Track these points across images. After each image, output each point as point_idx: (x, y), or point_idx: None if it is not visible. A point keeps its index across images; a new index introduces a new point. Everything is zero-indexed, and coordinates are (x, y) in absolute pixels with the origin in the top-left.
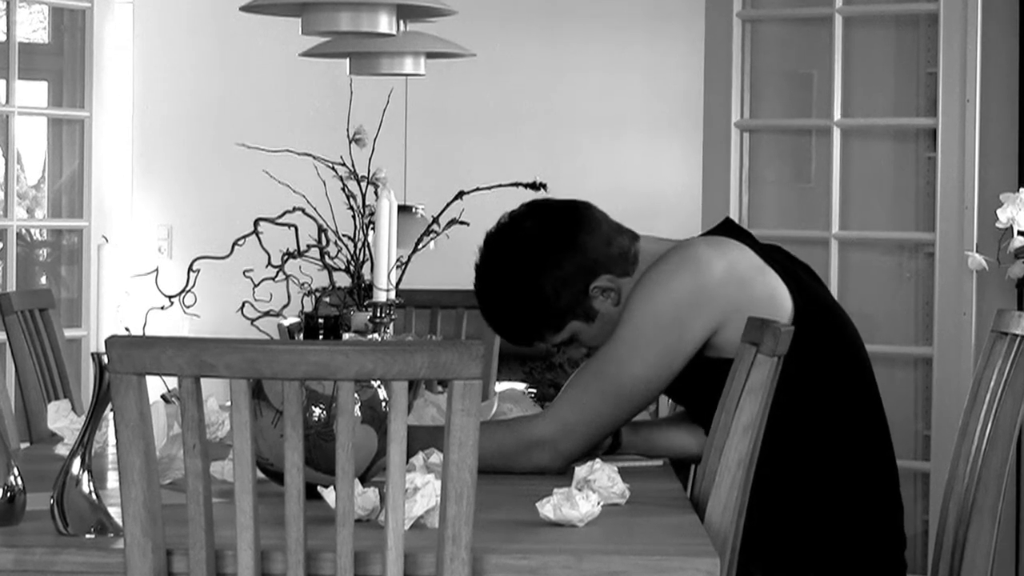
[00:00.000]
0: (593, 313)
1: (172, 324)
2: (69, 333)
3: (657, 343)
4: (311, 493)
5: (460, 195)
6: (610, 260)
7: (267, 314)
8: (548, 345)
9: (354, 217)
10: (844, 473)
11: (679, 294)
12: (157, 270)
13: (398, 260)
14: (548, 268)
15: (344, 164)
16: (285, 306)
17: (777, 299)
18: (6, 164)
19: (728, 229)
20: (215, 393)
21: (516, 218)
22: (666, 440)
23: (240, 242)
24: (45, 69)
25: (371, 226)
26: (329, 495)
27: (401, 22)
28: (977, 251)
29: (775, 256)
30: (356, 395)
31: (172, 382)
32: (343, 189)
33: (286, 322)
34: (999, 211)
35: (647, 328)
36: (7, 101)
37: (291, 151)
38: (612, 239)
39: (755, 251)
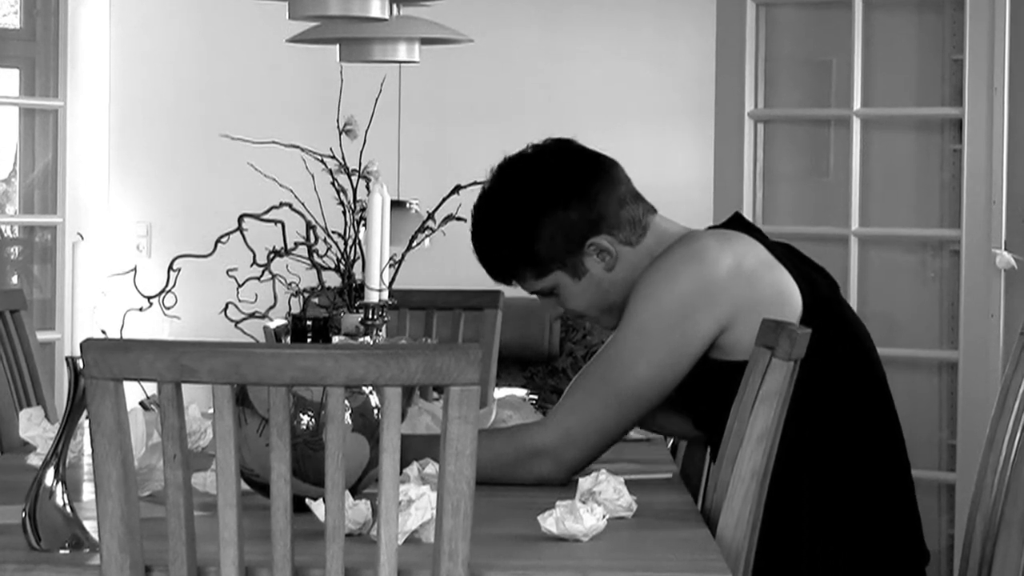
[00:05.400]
0: (582, 270)
1: (151, 326)
2: (42, 336)
3: (663, 343)
4: (299, 506)
5: (457, 189)
6: (617, 222)
7: (252, 316)
8: (526, 288)
9: (344, 213)
10: (857, 484)
11: (684, 290)
12: (135, 269)
13: (391, 259)
14: (554, 208)
15: (334, 157)
16: (271, 307)
17: (786, 297)
18: None
19: (737, 225)
20: (197, 400)
21: (539, 150)
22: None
23: (223, 239)
24: (16, 56)
25: (362, 222)
26: (318, 508)
27: (394, 6)
28: (1005, 249)
29: (785, 254)
30: (346, 402)
31: (151, 388)
32: (333, 183)
33: (272, 324)
34: None
35: (652, 327)
36: None
37: (277, 143)
38: (626, 203)
39: (765, 247)
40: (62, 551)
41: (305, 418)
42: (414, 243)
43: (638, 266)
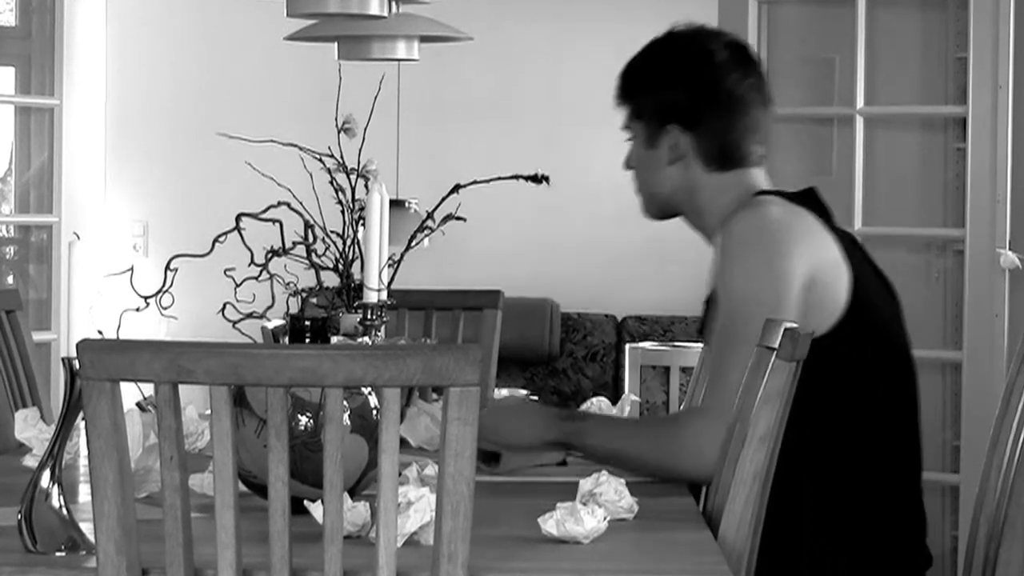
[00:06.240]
0: (654, 142)
1: (148, 327)
2: (38, 336)
3: (765, 302)
4: (297, 508)
5: (456, 189)
6: (709, 138)
7: (250, 316)
8: (624, 119)
9: (343, 212)
10: (861, 487)
11: (761, 266)
12: (132, 269)
13: (390, 258)
14: (693, 77)
15: (332, 155)
16: (269, 307)
17: (841, 273)
18: None
19: (808, 199)
20: (194, 401)
21: (740, 45)
22: None
23: (221, 239)
24: (12, 54)
25: (361, 222)
26: (316, 510)
27: (393, 3)
28: (1010, 248)
29: (842, 237)
30: (345, 403)
31: (148, 389)
32: (331, 182)
33: (270, 324)
34: None
35: (748, 311)
36: None
37: (275, 141)
38: (733, 134)
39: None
40: (58, 553)
41: (303, 419)
42: (413, 243)
43: (695, 185)
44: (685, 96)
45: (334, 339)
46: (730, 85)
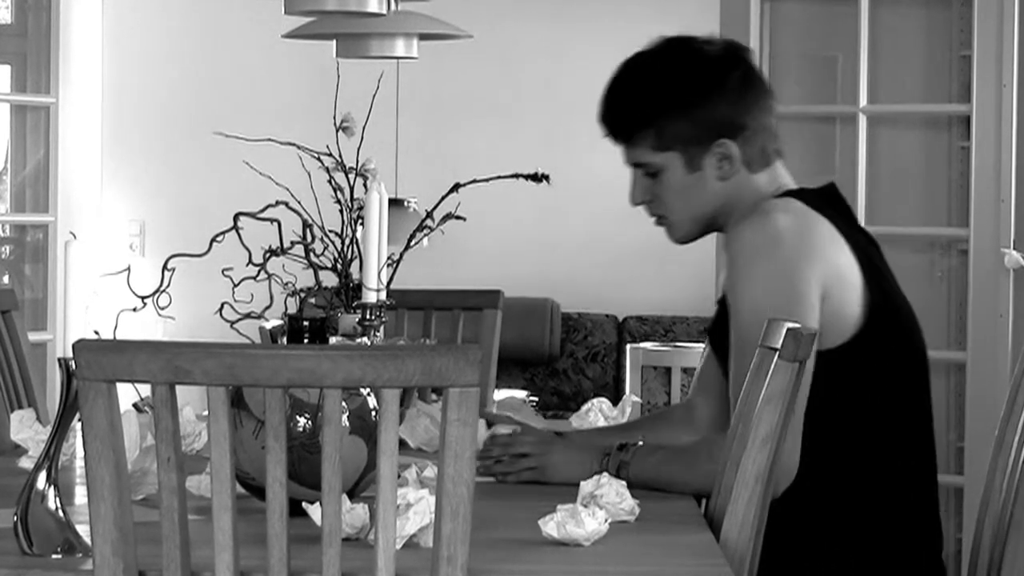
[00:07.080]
0: (697, 165)
1: (145, 327)
2: (33, 337)
3: (781, 309)
4: (295, 510)
5: (456, 188)
6: (754, 142)
7: (248, 316)
8: (630, 157)
9: (342, 211)
10: (883, 492)
11: (784, 255)
12: (129, 269)
13: (389, 258)
14: (719, 91)
15: (331, 154)
16: (267, 307)
17: (852, 279)
18: None
19: (828, 196)
20: (191, 402)
21: (739, 47)
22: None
23: (218, 238)
24: (8, 52)
25: (360, 221)
26: (315, 512)
27: (392, 1)
28: (1014, 248)
29: (859, 241)
30: (344, 404)
31: (145, 390)
32: (330, 181)
33: (268, 325)
34: None
35: (761, 319)
36: None
37: (273, 140)
38: (769, 132)
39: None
40: (54, 556)
41: (302, 420)
42: (412, 242)
43: (740, 192)
44: (724, 107)
45: (332, 339)
46: (754, 81)
